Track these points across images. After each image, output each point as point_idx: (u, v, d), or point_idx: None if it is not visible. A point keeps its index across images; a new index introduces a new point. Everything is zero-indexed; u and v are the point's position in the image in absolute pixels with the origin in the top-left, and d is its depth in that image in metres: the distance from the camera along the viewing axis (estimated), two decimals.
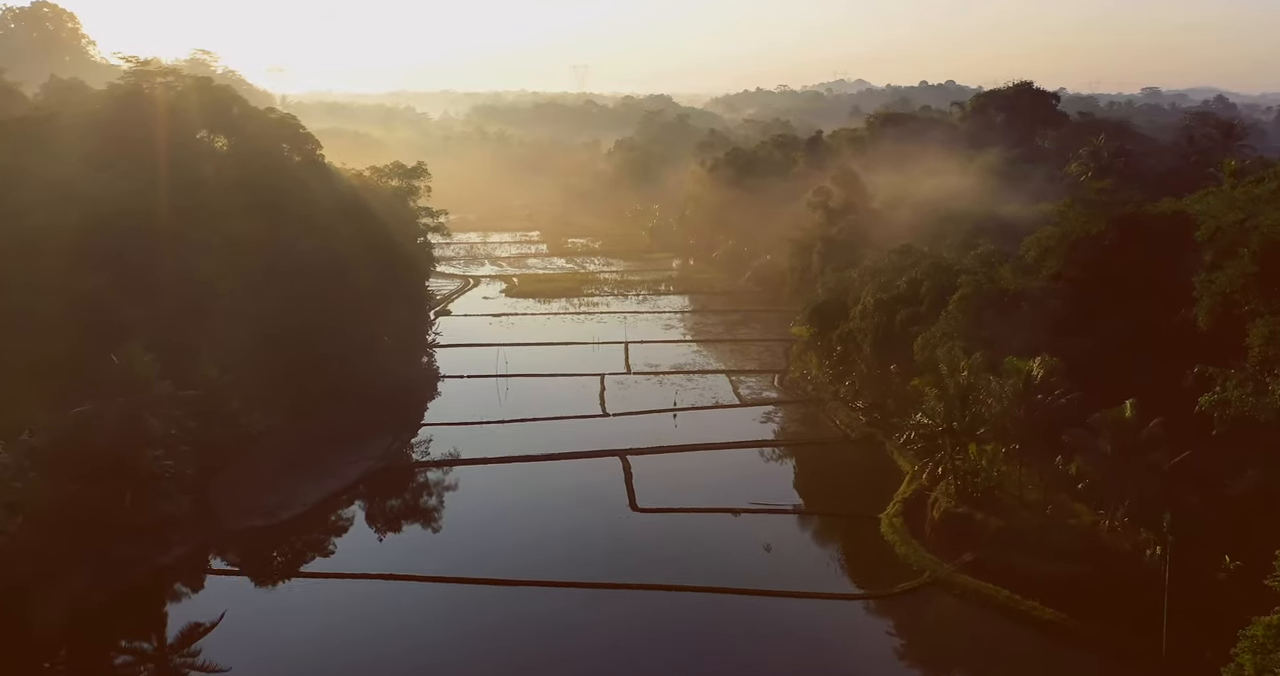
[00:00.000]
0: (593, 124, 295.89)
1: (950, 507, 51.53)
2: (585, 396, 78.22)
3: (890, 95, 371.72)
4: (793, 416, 74.48)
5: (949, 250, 69.04)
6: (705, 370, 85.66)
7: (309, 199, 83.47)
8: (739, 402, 77.10)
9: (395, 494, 61.71)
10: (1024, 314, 55.11)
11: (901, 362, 63.05)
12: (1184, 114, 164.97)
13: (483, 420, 72.52)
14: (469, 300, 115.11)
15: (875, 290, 66.11)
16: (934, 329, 58.88)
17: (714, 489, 60.33)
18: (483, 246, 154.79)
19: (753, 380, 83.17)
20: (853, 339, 68.26)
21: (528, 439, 69.17)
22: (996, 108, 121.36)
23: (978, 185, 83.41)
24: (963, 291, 57.72)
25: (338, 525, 57.26)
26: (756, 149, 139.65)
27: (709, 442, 67.54)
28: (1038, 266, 60.33)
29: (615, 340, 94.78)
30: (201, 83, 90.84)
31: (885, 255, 69.79)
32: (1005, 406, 49.02)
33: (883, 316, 64.47)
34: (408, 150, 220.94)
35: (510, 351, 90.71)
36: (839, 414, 72.67)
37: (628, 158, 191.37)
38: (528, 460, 64.81)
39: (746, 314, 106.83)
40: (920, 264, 65.05)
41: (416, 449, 68.70)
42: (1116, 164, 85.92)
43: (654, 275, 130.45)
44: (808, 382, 79.57)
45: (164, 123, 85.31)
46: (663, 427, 71.90)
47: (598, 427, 71.77)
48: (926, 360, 58.50)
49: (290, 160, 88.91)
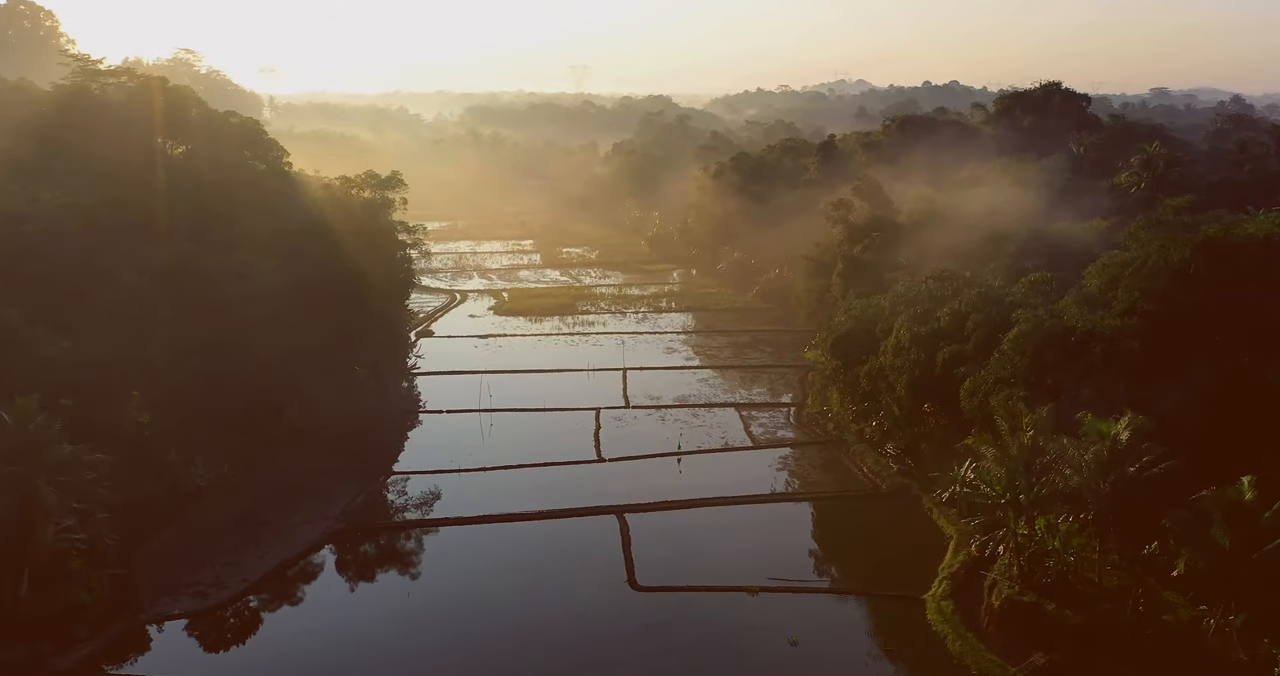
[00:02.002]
0: (590, 125, 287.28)
1: (1014, 595, 42.81)
2: (579, 436, 69.50)
3: (895, 96, 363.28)
4: (813, 461, 65.77)
5: (994, 276, 60.34)
6: (712, 403, 76.92)
7: (271, 213, 74.91)
8: (751, 444, 68.38)
9: (354, 565, 52.90)
10: (1096, 358, 46.42)
11: (945, 408, 54.40)
12: (1215, 116, 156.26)
13: (462, 467, 63.76)
14: (454, 319, 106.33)
15: (911, 322, 57.42)
16: (985, 372, 50.21)
17: (726, 558, 51.62)
18: (472, 257, 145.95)
19: (765, 416, 74.44)
20: (883, 376, 59.59)
21: (512, 490, 60.55)
22: (1024, 110, 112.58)
23: (1016, 198, 74.76)
24: (1020, 329, 49.04)
25: (284, 607, 48.48)
26: (764, 154, 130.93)
27: (719, 497, 58.82)
28: (1104, 298, 51.73)
29: (612, 366, 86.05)
30: (155, 82, 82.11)
31: (920, 281, 61.12)
32: (1086, 478, 40.33)
33: (921, 353, 55.79)
34: (396, 154, 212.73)
35: (496, 380, 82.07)
36: (865, 459, 63.99)
37: (626, 161, 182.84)
38: (511, 520, 56.08)
39: (755, 335, 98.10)
40: (964, 293, 56.39)
41: (385, 503, 60.00)
42: (1173, 174, 77.36)
43: (654, 289, 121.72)
44: (828, 420, 70.86)
45: (112, 127, 77.01)
46: (665, 475, 63.27)
47: (592, 476, 63.05)
48: (976, 408, 49.84)
49: (253, 169, 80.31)
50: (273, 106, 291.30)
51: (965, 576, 47.71)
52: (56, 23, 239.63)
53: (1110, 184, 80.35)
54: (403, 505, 59.73)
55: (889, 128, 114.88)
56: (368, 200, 79.91)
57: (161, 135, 79.41)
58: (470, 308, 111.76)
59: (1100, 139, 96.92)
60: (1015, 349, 48.79)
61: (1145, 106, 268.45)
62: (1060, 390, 46.44)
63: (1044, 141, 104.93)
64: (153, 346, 59.24)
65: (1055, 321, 49.04)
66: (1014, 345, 48.88)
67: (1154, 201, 72.07)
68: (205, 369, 61.45)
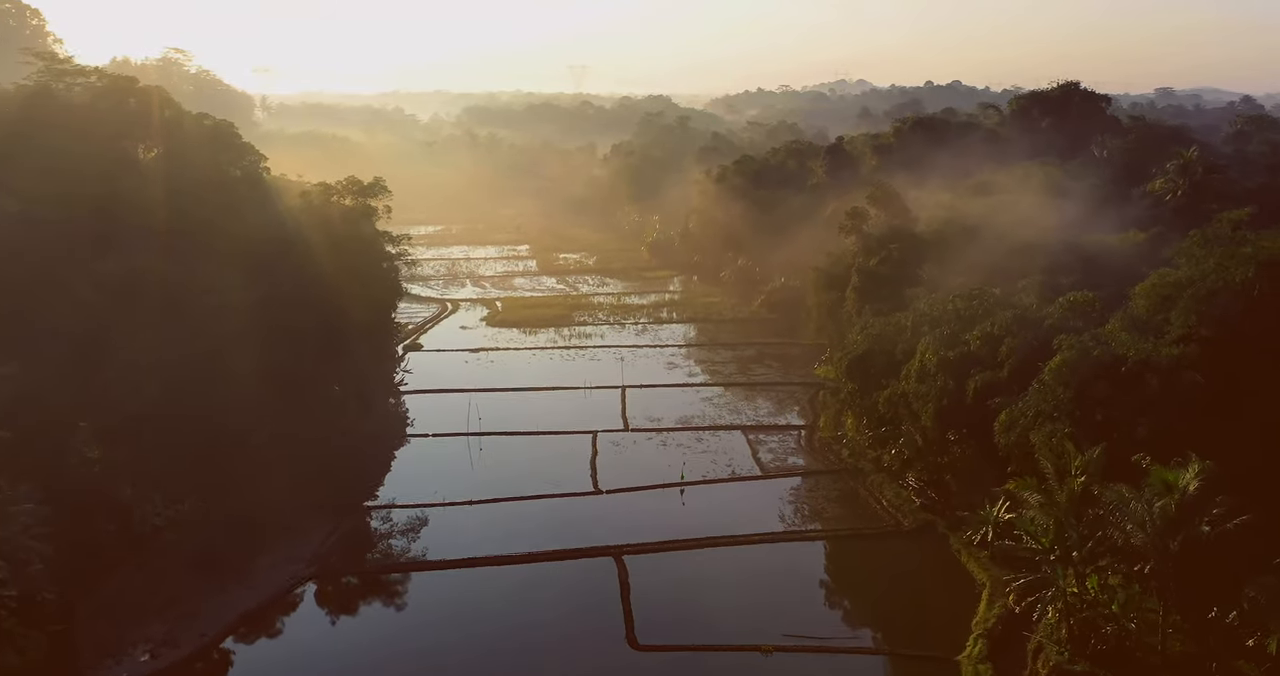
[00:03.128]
0: (588, 126, 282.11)
1: (1063, 663, 37.84)
2: (574, 463, 64.47)
3: (898, 96, 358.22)
4: (827, 493, 60.71)
5: (1025, 293, 55.29)
6: (717, 426, 71.82)
7: (243, 222, 69.90)
8: (760, 472, 63.34)
9: (325, 616, 47.90)
10: (1152, 391, 41.39)
11: (977, 441, 49.40)
12: (1235, 117, 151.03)
13: (447, 500, 58.75)
14: (444, 331, 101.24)
15: (937, 345, 52.39)
16: (1023, 404, 45.19)
17: (735, 609, 46.65)
18: (465, 263, 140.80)
19: (774, 439, 69.39)
20: (905, 403, 54.58)
21: (502, 526, 55.57)
22: (1041, 111, 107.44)
23: (1043, 206, 69.75)
24: (1063, 357, 44.02)
25: (244, 668, 43.46)
26: (768, 156, 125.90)
27: (725, 535, 53.75)
28: (1154, 322, 46.72)
29: (610, 384, 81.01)
30: (123, 82, 77.00)
31: (947, 299, 56.05)
32: (1149, 534, 35.30)
33: (949, 380, 50.76)
34: (388, 155, 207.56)
35: (487, 399, 77.06)
36: (884, 491, 58.98)
37: (625, 163, 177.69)
38: (498, 563, 51.07)
39: (761, 348, 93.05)
40: (996, 315, 51.35)
41: (362, 542, 54.95)
42: (1212, 181, 72.27)
43: (654, 298, 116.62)
44: (843, 446, 65.82)
45: (76, 129, 71.89)
46: (667, 508, 58.36)
47: (588, 511, 58.04)
48: (1014, 444, 44.84)
49: (227, 174, 75.21)
50: (265, 107, 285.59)
51: (1002, 633, 42.74)
52: (43, 21, 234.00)
53: (1143, 191, 75.30)
54: (382, 545, 54.75)
55: (900, 129, 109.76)
56: (349, 208, 74.77)
57: (129, 138, 74.54)
58: (462, 318, 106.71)
59: (1126, 142, 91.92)
60: (1058, 379, 43.77)
61: (1154, 107, 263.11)
62: (1111, 427, 41.45)
63: (1063, 144, 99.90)
64: (108, 369, 54.32)
65: (1103, 349, 44.00)
66: (1056, 375, 43.86)
67: (1194, 210, 67.24)
68: (166, 393, 56.48)
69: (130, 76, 77.94)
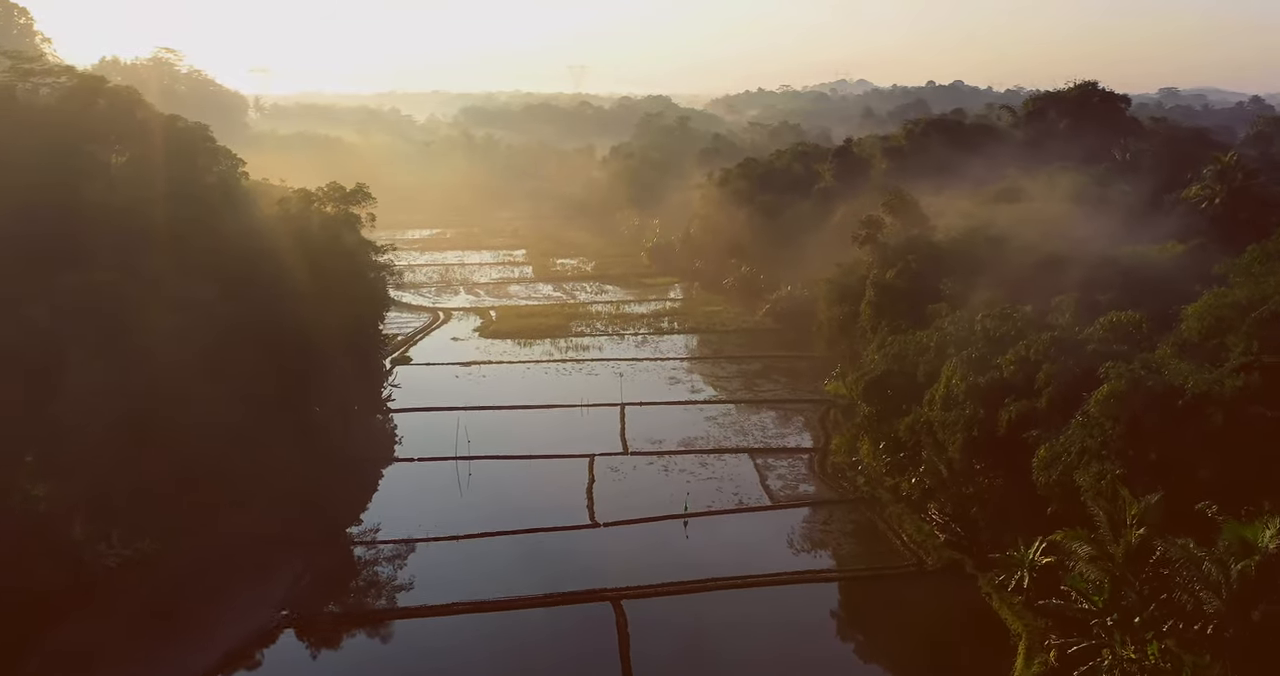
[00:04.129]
0: (587, 127, 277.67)
1: None
2: (569, 491, 60.03)
3: (900, 96, 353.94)
4: (842, 525, 56.23)
5: (1060, 311, 50.82)
6: (722, 448, 67.37)
7: (215, 232, 65.49)
8: (769, 502, 58.87)
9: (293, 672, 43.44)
10: (1214, 427, 36.95)
11: (1010, 475, 44.98)
12: (1256, 118, 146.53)
13: (431, 534, 54.25)
14: (435, 342, 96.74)
15: (964, 369, 47.94)
16: (1065, 439, 40.77)
17: (746, 662, 42.33)
18: (459, 269, 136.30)
19: (784, 464, 64.92)
20: (929, 431, 50.14)
21: (490, 564, 51.16)
22: (1058, 112, 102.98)
23: (1071, 214, 65.32)
24: (1111, 386, 39.56)
25: None
26: (772, 159, 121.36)
27: (733, 576, 49.24)
28: (1207, 347, 42.32)
29: (609, 401, 76.56)
30: (92, 82, 72.52)
31: (973, 317, 51.59)
32: (1226, 601, 30.86)
33: (978, 408, 46.32)
34: (382, 157, 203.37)
35: (478, 418, 72.69)
36: (904, 524, 54.53)
37: (624, 165, 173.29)
38: (484, 609, 46.56)
39: (768, 362, 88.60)
40: (1030, 336, 46.86)
41: (338, 582, 50.49)
42: (1253, 187, 67.86)
43: (655, 306, 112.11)
44: (858, 472, 61.34)
45: (38, 133, 67.48)
46: (670, 544, 53.94)
47: (584, 546, 53.57)
48: (1056, 483, 40.41)
49: (200, 181, 70.72)
50: (259, 107, 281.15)
51: None
52: (31, 20, 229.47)
53: (1176, 197, 70.83)
54: (359, 585, 50.30)
55: (912, 131, 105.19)
56: (329, 216, 70.27)
57: (97, 142, 70.01)
58: (454, 328, 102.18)
59: (1153, 146, 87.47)
60: (1105, 412, 39.32)
61: (1161, 107, 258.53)
62: (1169, 469, 37.01)
63: (1082, 146, 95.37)
64: (60, 398, 49.89)
65: (1156, 378, 39.54)
66: (1104, 408, 39.40)
67: (1233, 219, 62.89)
68: (125, 422, 52.06)
69: (99, 76, 73.52)
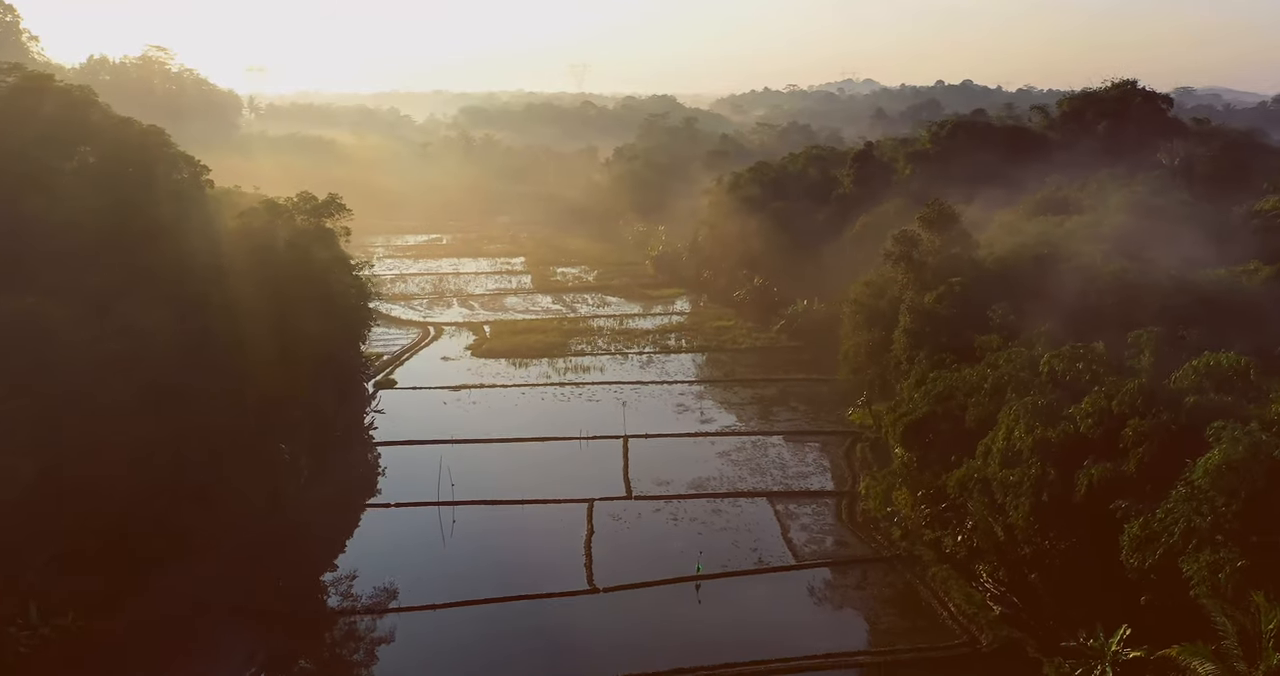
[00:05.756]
0: (590, 127, 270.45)
1: None
2: (565, 547, 52.76)
3: (911, 96, 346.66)
4: (879, 591, 48.90)
5: (1140, 350, 43.38)
6: (737, 491, 60.11)
7: (172, 247, 58.47)
8: (793, 560, 51.54)
9: None
10: None
11: (1085, 547, 37.72)
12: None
13: (404, 604, 47.02)
14: (424, 362, 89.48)
15: (1029, 418, 40.65)
16: (1166, 514, 33.46)
17: None
18: (454, 279, 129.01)
19: (808, 510, 57.66)
20: (985, 490, 42.82)
21: (471, 641, 44.09)
22: (1095, 113, 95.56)
23: (1130, 229, 57.99)
24: (1225, 454, 32.33)
25: None
26: (786, 163, 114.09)
27: (755, 661, 42.00)
28: None
29: (610, 433, 69.32)
30: (38, 81, 65.39)
31: (1034, 355, 44.26)
32: None
33: (1049, 468, 39.01)
34: (378, 159, 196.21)
35: (467, 452, 65.69)
36: (951, 591, 47.21)
37: (628, 168, 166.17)
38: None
39: (784, 386, 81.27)
40: (1106, 381, 39.56)
41: (292, 666, 43.30)
42: None
43: (660, 321, 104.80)
44: (893, 523, 54.02)
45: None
46: (680, 614, 46.79)
47: (582, 617, 46.35)
48: (1153, 569, 33.14)
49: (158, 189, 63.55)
50: (254, 107, 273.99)
51: None
52: (18, 18, 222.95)
53: (1247, 210, 63.44)
54: (320, 668, 43.09)
55: (937, 134, 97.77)
56: (299, 230, 63.11)
57: (44, 147, 62.86)
58: (445, 346, 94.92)
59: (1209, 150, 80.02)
60: (1218, 486, 32.07)
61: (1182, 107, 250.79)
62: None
63: (1123, 150, 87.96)
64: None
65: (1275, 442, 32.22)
66: (1216, 480, 32.16)
67: None
68: (51, 471, 44.98)
69: (45, 74, 66.27)
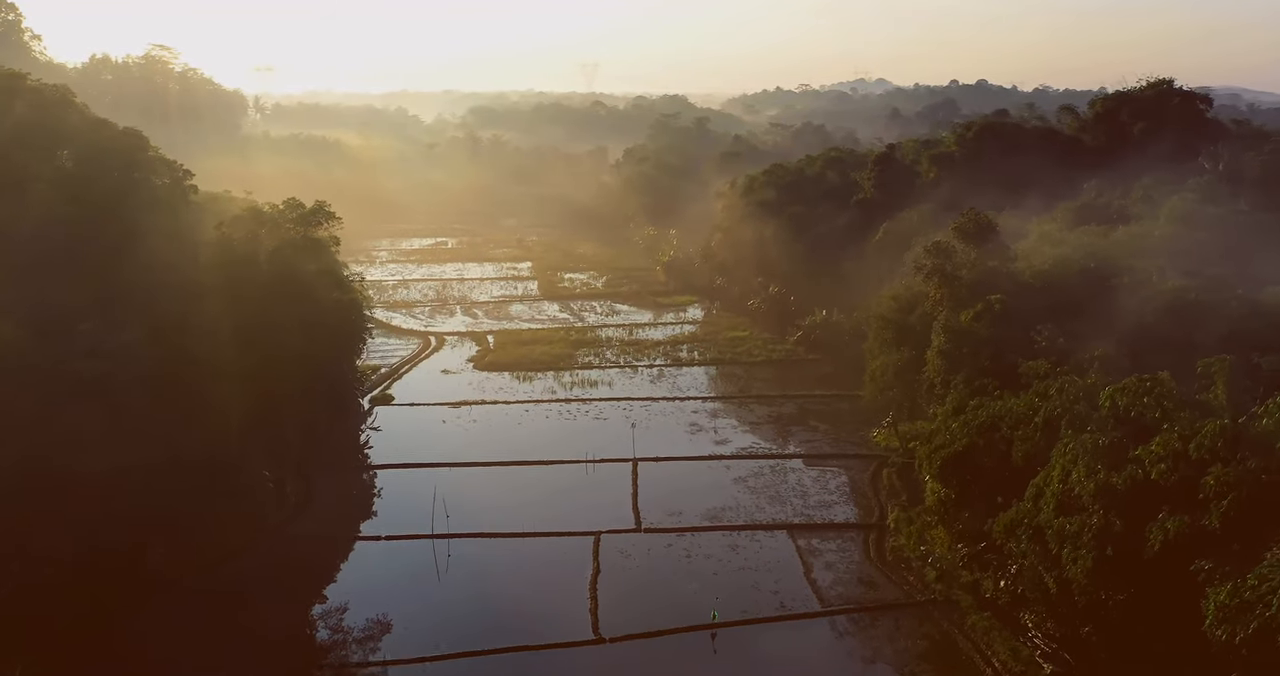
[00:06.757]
0: (599, 128, 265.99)
1: None
2: (568, 587, 48.37)
3: (926, 96, 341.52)
4: (914, 642, 44.37)
5: (1212, 379, 38.75)
6: (756, 524, 55.64)
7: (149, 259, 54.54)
8: (818, 605, 47.03)
9: None
10: None
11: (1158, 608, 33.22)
12: None
13: (389, 657, 42.74)
14: (423, 375, 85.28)
15: (1089, 459, 36.13)
16: (1259, 579, 28.92)
17: None
18: (458, 285, 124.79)
19: (832, 546, 53.18)
20: (1039, 539, 38.27)
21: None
22: (1131, 114, 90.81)
23: (1185, 242, 53.41)
24: None
25: None
26: (802, 165, 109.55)
27: None
28: None
29: (619, 456, 64.97)
30: (10, 81, 61.49)
31: (1092, 385, 39.72)
32: None
33: (1115, 519, 34.47)
34: (383, 160, 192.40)
35: (465, 477, 61.58)
36: (995, 644, 42.70)
37: (638, 170, 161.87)
38: None
39: (803, 403, 76.77)
40: (1179, 418, 35.00)
41: None
42: None
43: (672, 331, 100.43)
44: (927, 563, 49.51)
45: None
46: (695, 670, 42.33)
47: (586, 672, 42.03)
48: (1246, 644, 28.63)
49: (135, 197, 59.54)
50: (260, 107, 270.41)
51: None
52: (20, 16, 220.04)
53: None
54: None
55: (964, 136, 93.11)
56: (285, 242, 58.93)
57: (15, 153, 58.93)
58: (446, 358, 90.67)
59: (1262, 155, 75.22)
60: None
61: None
62: None
63: (1161, 154, 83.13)
64: None
65: None
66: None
67: None
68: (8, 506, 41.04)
69: (17, 73, 62.29)
